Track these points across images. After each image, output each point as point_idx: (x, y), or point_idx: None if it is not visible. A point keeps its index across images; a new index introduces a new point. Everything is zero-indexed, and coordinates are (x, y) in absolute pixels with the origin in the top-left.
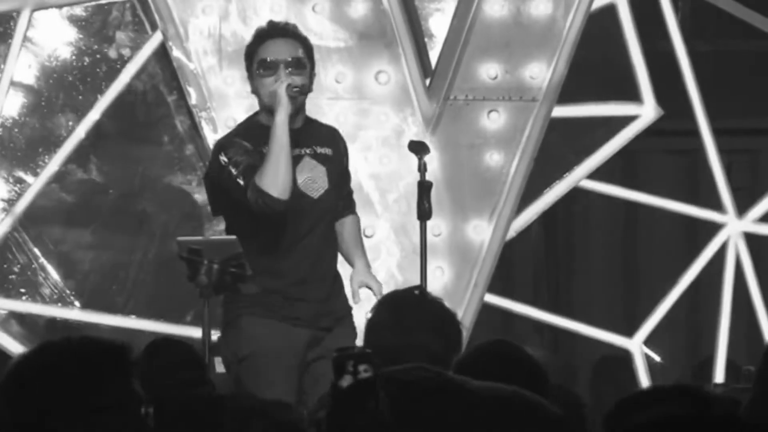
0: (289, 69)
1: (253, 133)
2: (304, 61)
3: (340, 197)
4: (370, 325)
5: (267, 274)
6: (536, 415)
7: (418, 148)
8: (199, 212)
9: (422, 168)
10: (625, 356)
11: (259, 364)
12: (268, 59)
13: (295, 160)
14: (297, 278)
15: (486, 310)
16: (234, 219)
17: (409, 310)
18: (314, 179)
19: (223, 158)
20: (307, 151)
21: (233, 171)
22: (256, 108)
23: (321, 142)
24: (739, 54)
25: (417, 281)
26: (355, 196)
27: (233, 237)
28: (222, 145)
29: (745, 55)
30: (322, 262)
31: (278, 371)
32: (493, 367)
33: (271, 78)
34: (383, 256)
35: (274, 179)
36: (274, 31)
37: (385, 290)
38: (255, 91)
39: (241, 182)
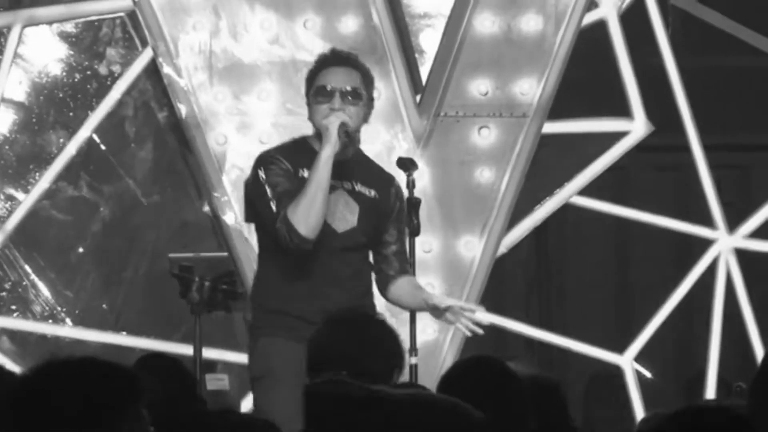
0: (347, 98)
1: (299, 155)
2: (361, 92)
3: (377, 243)
4: (313, 340)
5: (287, 296)
6: (458, 418)
7: (406, 164)
8: (190, 229)
9: (410, 184)
10: (617, 372)
11: (272, 383)
12: (326, 87)
13: (330, 190)
14: (316, 305)
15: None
16: (260, 232)
17: (350, 328)
18: (342, 213)
19: (262, 174)
20: (346, 185)
21: (268, 192)
22: (248, 125)
23: (364, 181)
24: (729, 69)
25: None
26: None
27: (225, 254)
28: (264, 159)
29: (735, 70)
30: (344, 293)
31: (291, 391)
32: (475, 383)
33: (325, 106)
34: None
35: (306, 217)
36: (335, 58)
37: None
38: (310, 116)
39: (274, 207)
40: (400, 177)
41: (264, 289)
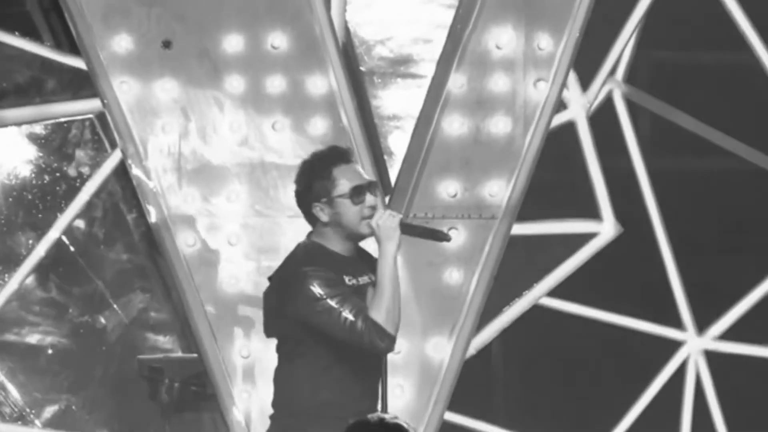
0: (375, 193)
1: (329, 263)
2: (377, 185)
3: None
4: None
5: (326, 403)
6: None
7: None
8: (159, 330)
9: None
10: None
11: None
12: (359, 185)
13: (366, 288)
14: (357, 410)
15: (446, 428)
16: (292, 341)
17: None
18: None
19: (317, 290)
20: (371, 278)
21: (334, 305)
22: (216, 226)
23: (373, 269)
24: (698, 171)
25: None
26: None
27: (194, 355)
28: (309, 276)
29: (704, 172)
30: (377, 397)
31: None
32: None
33: (359, 206)
34: None
35: (392, 317)
36: (345, 155)
37: None
38: (333, 218)
39: (349, 315)
40: None
41: (300, 395)
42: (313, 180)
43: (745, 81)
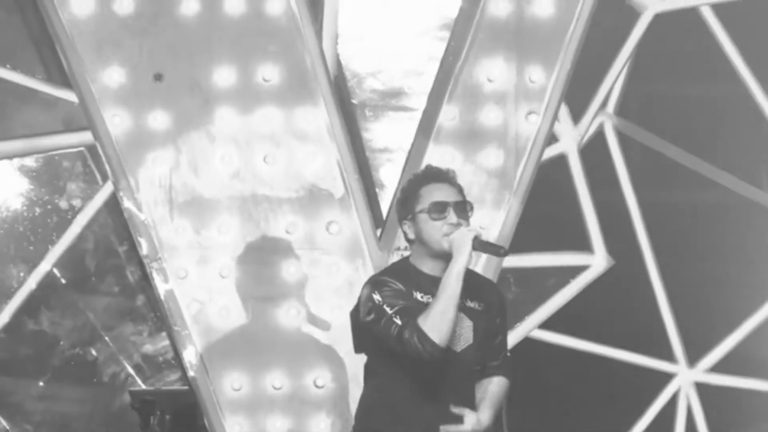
0: (460, 212)
1: (408, 278)
2: (469, 204)
3: (488, 355)
4: None
5: (402, 421)
6: None
7: None
8: (150, 362)
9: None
10: None
11: None
12: (441, 201)
13: None
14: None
15: None
16: (375, 358)
17: None
18: (459, 332)
19: (377, 297)
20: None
21: (388, 309)
22: (207, 258)
23: (473, 295)
24: (689, 204)
25: None
26: (306, 347)
27: (186, 388)
28: (375, 283)
29: (695, 204)
30: (458, 419)
31: None
32: None
33: (440, 222)
34: (336, 405)
35: (439, 325)
36: (434, 175)
37: None
38: (418, 233)
39: (398, 320)
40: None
41: (382, 415)
42: (404, 199)
43: (736, 113)
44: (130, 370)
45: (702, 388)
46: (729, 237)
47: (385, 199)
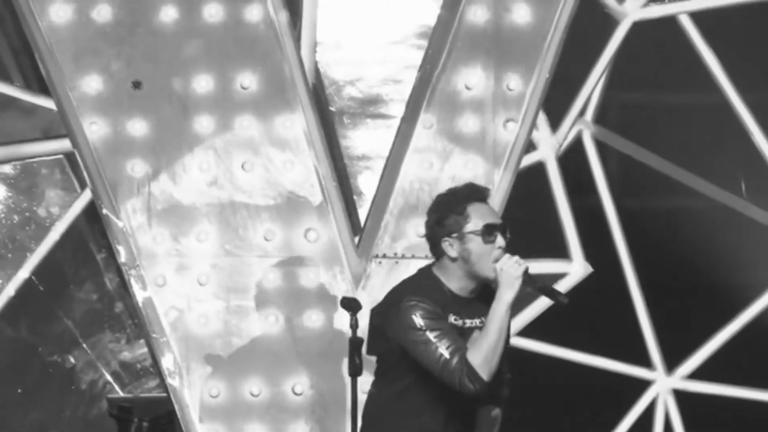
0: (505, 236)
1: (439, 296)
2: (507, 229)
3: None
4: None
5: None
6: None
7: (350, 304)
8: (129, 369)
9: (354, 324)
10: None
11: None
12: (492, 224)
13: (471, 332)
14: None
15: None
16: (392, 367)
17: None
18: None
19: (419, 321)
20: (478, 323)
21: (431, 336)
22: (186, 266)
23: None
24: (667, 211)
25: None
26: (284, 354)
27: (164, 395)
28: (413, 305)
29: (673, 211)
30: None
31: None
32: None
33: (489, 246)
34: (315, 412)
35: (489, 362)
36: (482, 194)
37: None
38: (462, 254)
39: (445, 352)
40: (341, 316)
41: (401, 421)
42: (448, 214)
43: (713, 121)
44: (108, 378)
45: (680, 395)
46: (706, 244)
47: (364, 207)
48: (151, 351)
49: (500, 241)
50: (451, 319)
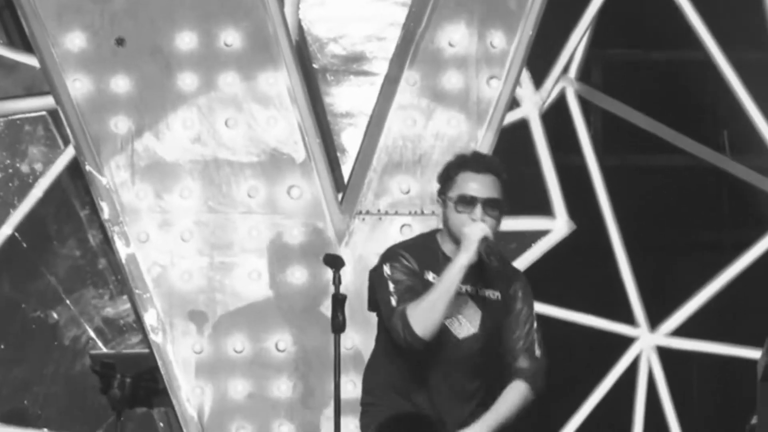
0: (488, 209)
1: (426, 255)
2: (501, 202)
3: (507, 352)
4: None
5: (402, 396)
6: None
7: (333, 261)
8: (112, 325)
9: (337, 281)
10: None
11: None
12: (470, 196)
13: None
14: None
15: None
16: (379, 322)
17: None
18: (462, 320)
19: (387, 270)
20: (470, 290)
21: (390, 287)
22: (170, 222)
23: (490, 284)
24: (650, 168)
25: (331, 396)
26: (267, 310)
27: (146, 351)
28: (391, 255)
29: (657, 169)
30: (461, 409)
31: None
32: None
33: (465, 215)
34: (298, 369)
35: (424, 318)
36: (477, 165)
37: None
38: (444, 217)
39: (393, 302)
40: (325, 273)
41: (381, 388)
42: (442, 175)
43: (697, 79)
44: (92, 334)
45: (663, 352)
46: (690, 201)
47: (347, 164)
48: (134, 307)
49: (477, 213)
50: (429, 276)
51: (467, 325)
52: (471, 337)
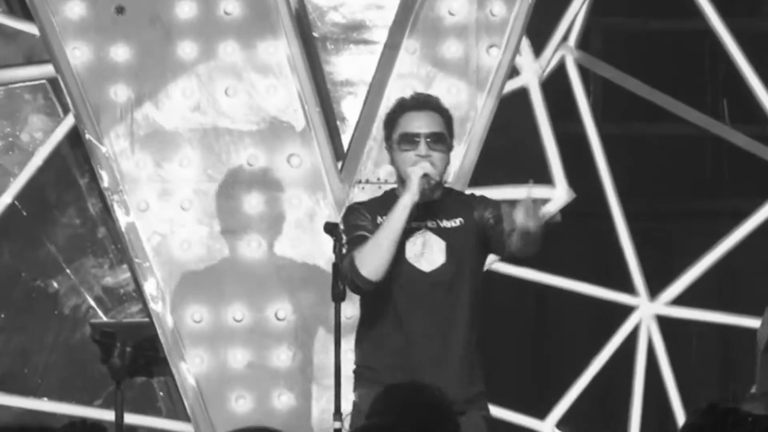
0: (428, 141)
1: (385, 205)
2: (445, 135)
3: (473, 275)
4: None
5: (386, 349)
6: None
7: (333, 229)
8: (111, 294)
9: (337, 249)
10: None
11: None
12: (411, 133)
13: (413, 233)
14: (413, 360)
15: None
16: None
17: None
18: (427, 253)
19: (341, 225)
20: (430, 224)
21: (344, 236)
22: (169, 191)
23: (450, 215)
24: (650, 137)
25: (331, 365)
26: (267, 279)
27: (146, 320)
28: (348, 209)
29: (657, 138)
30: (440, 345)
31: None
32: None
33: (411, 153)
34: (298, 338)
35: (370, 259)
36: (417, 103)
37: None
38: (393, 162)
39: (344, 250)
40: (324, 242)
41: (366, 341)
42: (386, 125)
43: (697, 47)
44: (91, 303)
45: (663, 321)
46: (690, 169)
47: (347, 132)
48: (134, 276)
49: (422, 149)
50: (379, 220)
51: (432, 258)
52: (439, 268)
